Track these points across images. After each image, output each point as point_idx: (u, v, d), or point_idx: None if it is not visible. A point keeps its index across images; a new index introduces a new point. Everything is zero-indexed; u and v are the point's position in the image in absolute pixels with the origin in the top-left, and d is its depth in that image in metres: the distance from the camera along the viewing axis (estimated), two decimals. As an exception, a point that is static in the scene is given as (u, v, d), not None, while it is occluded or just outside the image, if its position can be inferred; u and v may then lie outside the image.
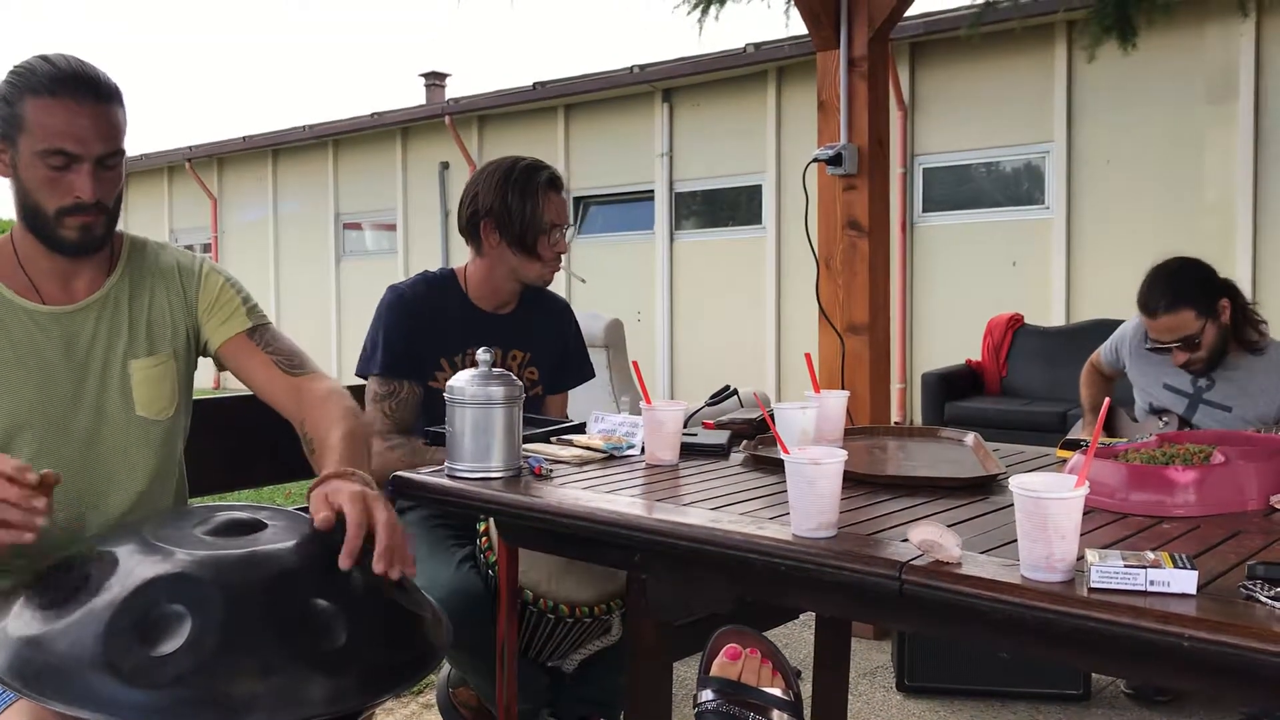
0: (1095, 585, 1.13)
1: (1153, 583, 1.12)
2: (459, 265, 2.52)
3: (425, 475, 1.82)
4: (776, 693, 1.46)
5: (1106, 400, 1.48)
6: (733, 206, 10.38)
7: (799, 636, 3.38)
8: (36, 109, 1.57)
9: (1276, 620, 1.04)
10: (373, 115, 12.82)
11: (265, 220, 14.64)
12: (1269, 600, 1.09)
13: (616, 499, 1.64)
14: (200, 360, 1.87)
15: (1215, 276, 2.88)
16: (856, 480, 1.70)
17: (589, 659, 2.24)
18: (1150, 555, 1.17)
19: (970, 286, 8.68)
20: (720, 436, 2.05)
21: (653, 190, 10.71)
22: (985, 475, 1.70)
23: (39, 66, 1.59)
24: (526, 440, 1.94)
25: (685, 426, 2.00)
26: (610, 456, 1.97)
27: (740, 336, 10.09)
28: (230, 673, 1.25)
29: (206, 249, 15.16)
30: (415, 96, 17.63)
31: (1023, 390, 6.85)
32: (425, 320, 2.38)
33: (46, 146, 1.57)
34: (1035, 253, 8.42)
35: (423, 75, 15.51)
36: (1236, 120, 7.48)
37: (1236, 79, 7.47)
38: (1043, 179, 8.46)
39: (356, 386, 2.47)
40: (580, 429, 2.16)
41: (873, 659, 3.30)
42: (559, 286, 2.57)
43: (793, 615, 2.58)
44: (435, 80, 15.51)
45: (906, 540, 1.31)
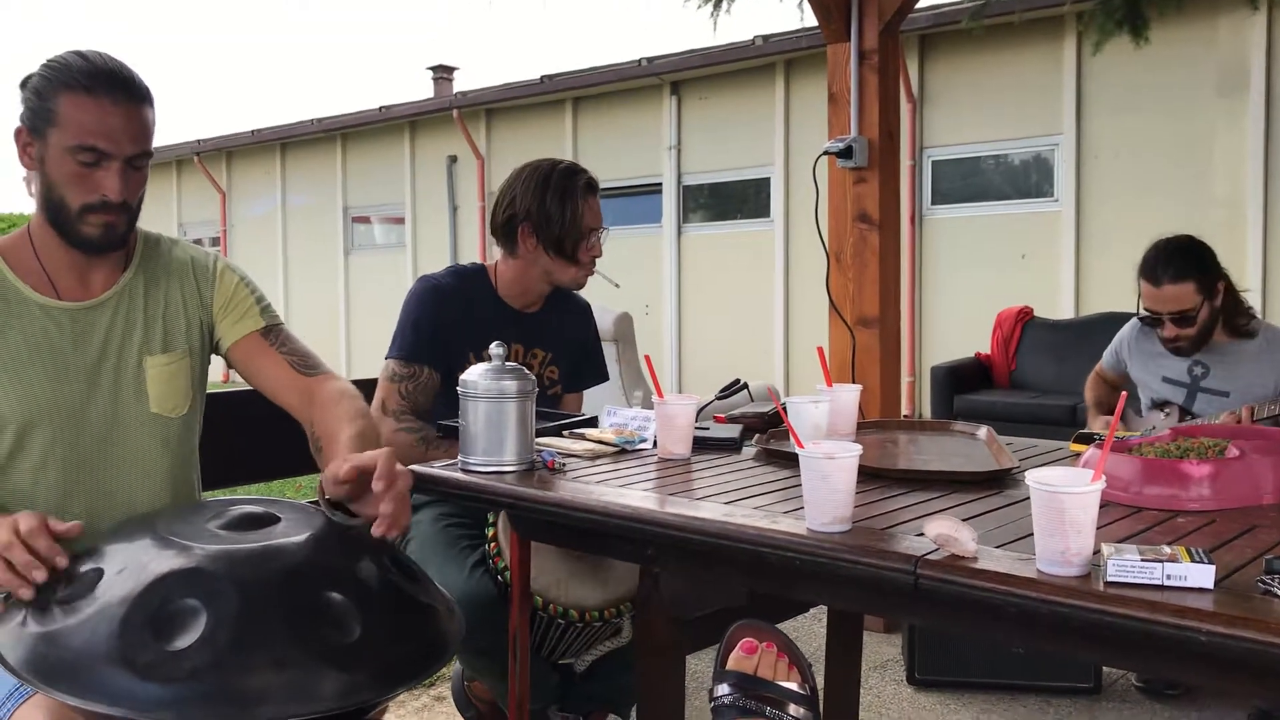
0: (1111, 579, 1.13)
1: (1169, 577, 1.12)
2: (488, 262, 2.52)
3: (439, 469, 1.82)
4: (793, 686, 1.46)
5: (1123, 394, 1.47)
6: (741, 199, 10.37)
7: (809, 630, 3.38)
8: (70, 104, 1.57)
9: (1295, 615, 1.04)
10: (380, 109, 12.82)
11: (274, 214, 14.66)
12: (1287, 595, 1.08)
13: (629, 493, 1.64)
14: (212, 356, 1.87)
15: (1216, 259, 2.90)
16: (870, 474, 1.69)
17: (600, 657, 2.24)
18: (1167, 549, 1.16)
19: (979, 279, 8.66)
20: (732, 430, 2.05)
21: (661, 183, 10.71)
22: (999, 469, 1.70)
23: (74, 62, 1.59)
24: (539, 434, 1.94)
25: (696, 420, 2.00)
26: (622, 450, 1.97)
27: (748, 330, 10.08)
28: (244, 667, 1.25)
29: (215, 242, 15.20)
30: (423, 90, 17.63)
31: (1032, 383, 6.84)
32: (456, 312, 2.38)
33: (78, 143, 1.57)
34: (1044, 245, 8.40)
35: (430, 69, 15.51)
36: (1247, 113, 7.45)
37: (1248, 71, 7.43)
38: (1052, 171, 8.44)
39: (366, 383, 2.47)
40: (592, 423, 2.16)
41: (883, 652, 3.30)
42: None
43: (803, 609, 2.58)
44: (443, 74, 15.50)
45: (921, 534, 1.31)
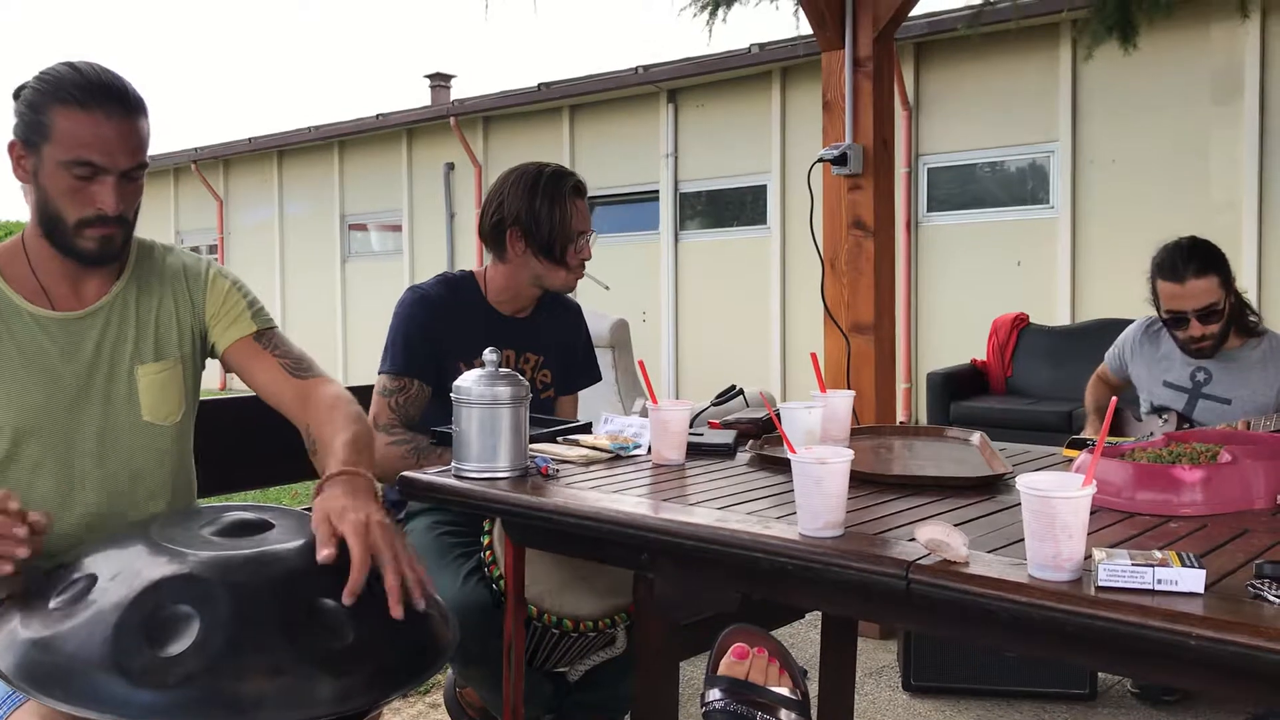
0: (1103, 584, 1.13)
1: (1160, 581, 1.12)
2: (476, 269, 2.51)
3: (432, 475, 1.82)
4: (784, 692, 1.46)
5: (1113, 400, 1.47)
6: (737, 207, 10.38)
7: (805, 636, 3.38)
8: (64, 118, 1.56)
9: (1284, 619, 1.04)
10: (378, 116, 12.84)
11: (271, 221, 14.66)
12: (1277, 599, 1.09)
13: (623, 498, 1.64)
14: (207, 361, 1.87)
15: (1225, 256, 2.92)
16: (863, 480, 1.69)
17: (594, 666, 2.24)
18: (1158, 554, 1.16)
19: (975, 286, 8.68)
20: (726, 436, 2.05)
21: (657, 190, 10.72)
22: (992, 475, 1.70)
23: (67, 75, 1.57)
24: (533, 440, 1.94)
25: (691, 426, 2.00)
26: (616, 456, 1.97)
27: (744, 336, 10.09)
28: (238, 673, 1.25)
29: (212, 250, 15.20)
30: (420, 98, 17.65)
31: (1028, 390, 6.84)
32: (446, 321, 2.37)
33: (73, 157, 1.56)
34: (1040, 252, 8.41)
35: (427, 77, 15.54)
36: (1242, 119, 7.47)
37: (1242, 78, 7.46)
38: (1047, 178, 8.45)
39: (362, 390, 2.47)
40: (586, 429, 2.16)
41: (878, 658, 3.29)
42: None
43: (799, 615, 2.58)
44: (440, 81, 15.54)
45: (913, 540, 1.32)
